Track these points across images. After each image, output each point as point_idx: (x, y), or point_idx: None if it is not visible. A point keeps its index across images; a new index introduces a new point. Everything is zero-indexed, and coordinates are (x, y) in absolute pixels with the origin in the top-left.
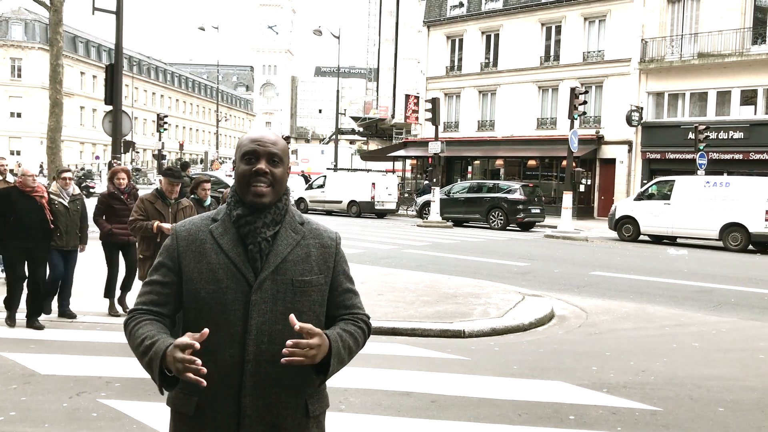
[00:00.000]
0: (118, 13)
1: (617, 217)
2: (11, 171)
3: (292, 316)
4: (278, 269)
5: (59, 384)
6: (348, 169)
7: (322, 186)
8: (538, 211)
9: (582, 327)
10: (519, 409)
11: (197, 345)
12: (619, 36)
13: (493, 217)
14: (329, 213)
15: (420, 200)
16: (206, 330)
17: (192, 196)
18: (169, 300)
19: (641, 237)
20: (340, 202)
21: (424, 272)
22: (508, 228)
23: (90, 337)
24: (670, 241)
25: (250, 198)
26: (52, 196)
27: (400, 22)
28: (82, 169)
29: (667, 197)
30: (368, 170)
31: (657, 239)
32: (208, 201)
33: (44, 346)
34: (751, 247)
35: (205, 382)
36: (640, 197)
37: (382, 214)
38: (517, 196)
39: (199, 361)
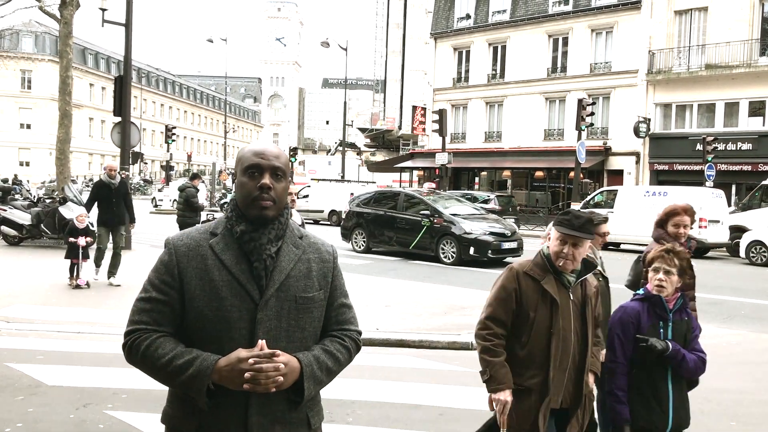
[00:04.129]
0: (128, 25)
1: None
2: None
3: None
4: (282, 286)
5: (66, 395)
6: (330, 180)
7: (307, 196)
8: (512, 220)
9: None
10: None
11: (269, 351)
12: (627, 47)
13: None
14: (316, 222)
15: None
16: (262, 342)
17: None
18: (171, 319)
19: None
20: (322, 211)
21: (432, 284)
22: None
23: (96, 348)
24: (615, 246)
25: (255, 212)
26: None
27: (408, 34)
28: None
29: (610, 206)
30: (348, 181)
31: (603, 246)
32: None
33: (51, 357)
34: None
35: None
36: (586, 206)
37: None
38: (492, 206)
39: (282, 367)
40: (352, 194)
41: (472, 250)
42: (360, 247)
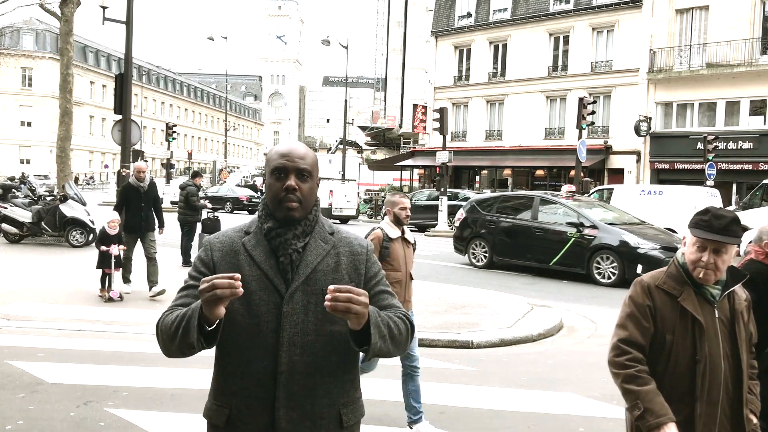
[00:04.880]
0: (128, 23)
1: None
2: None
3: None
4: (309, 279)
5: (67, 393)
6: None
7: None
8: None
9: (591, 338)
10: (528, 421)
11: (237, 276)
12: (628, 46)
13: (450, 222)
14: None
15: None
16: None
17: None
18: None
19: None
20: None
21: (432, 282)
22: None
23: (97, 346)
24: None
25: (282, 214)
26: None
27: (408, 32)
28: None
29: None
30: (327, 179)
31: None
32: None
33: (52, 355)
34: None
35: (242, 291)
36: None
37: (345, 220)
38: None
39: (237, 276)
40: (331, 192)
41: (640, 269)
42: (480, 262)
